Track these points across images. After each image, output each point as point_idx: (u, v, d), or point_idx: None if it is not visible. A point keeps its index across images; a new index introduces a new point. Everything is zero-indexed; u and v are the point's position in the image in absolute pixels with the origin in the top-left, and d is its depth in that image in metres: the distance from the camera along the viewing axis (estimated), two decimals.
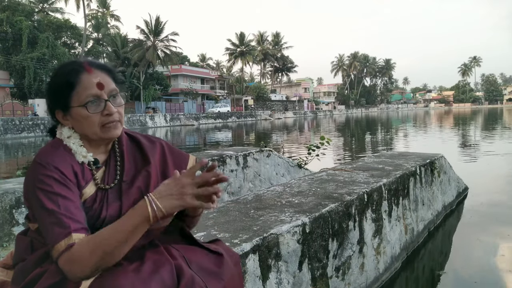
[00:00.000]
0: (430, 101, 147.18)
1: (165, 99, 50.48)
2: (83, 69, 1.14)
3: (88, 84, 1.12)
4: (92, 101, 1.12)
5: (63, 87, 1.13)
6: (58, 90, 1.15)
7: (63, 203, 1.04)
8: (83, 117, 1.13)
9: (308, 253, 2.08)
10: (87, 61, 1.16)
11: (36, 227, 1.14)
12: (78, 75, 1.13)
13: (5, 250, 2.51)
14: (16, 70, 35.19)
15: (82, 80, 1.13)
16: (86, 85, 1.12)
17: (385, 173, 3.45)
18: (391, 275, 2.89)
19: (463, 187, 5.26)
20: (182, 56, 58.96)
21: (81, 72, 1.13)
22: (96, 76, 1.14)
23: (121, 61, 46.27)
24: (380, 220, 2.89)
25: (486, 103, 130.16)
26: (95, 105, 1.13)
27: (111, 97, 1.16)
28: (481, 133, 18.38)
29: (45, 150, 1.12)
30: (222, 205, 2.47)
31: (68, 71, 1.14)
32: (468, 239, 3.74)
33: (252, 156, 4.89)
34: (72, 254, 0.98)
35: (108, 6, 56.33)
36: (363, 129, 26.30)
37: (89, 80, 1.13)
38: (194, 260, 1.14)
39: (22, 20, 35.70)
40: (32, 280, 1.05)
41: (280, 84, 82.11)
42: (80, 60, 1.17)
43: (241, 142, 18.46)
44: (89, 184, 1.14)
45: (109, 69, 1.20)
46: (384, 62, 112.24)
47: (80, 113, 1.13)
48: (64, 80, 1.13)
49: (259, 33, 72.60)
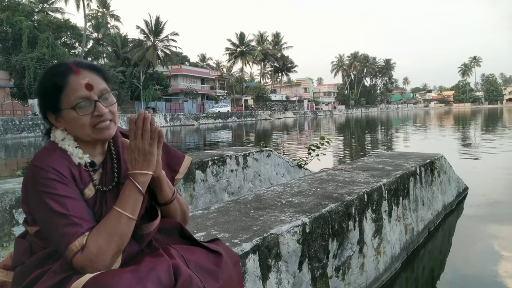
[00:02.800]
0: (430, 101, 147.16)
1: (165, 99, 50.50)
2: (71, 71, 1.12)
3: (76, 86, 1.11)
4: (81, 103, 1.11)
5: (52, 90, 1.12)
6: (47, 94, 1.14)
7: (70, 203, 1.05)
8: (74, 119, 1.12)
9: (308, 253, 2.08)
10: (74, 62, 1.14)
11: (35, 230, 1.14)
12: (65, 77, 1.11)
13: (5, 250, 2.51)
14: (16, 70, 35.19)
15: (70, 82, 1.11)
16: (74, 87, 1.11)
17: (385, 173, 3.45)
18: (391, 275, 2.89)
19: (463, 187, 5.26)
20: (182, 56, 59.01)
21: (68, 74, 1.12)
22: (84, 76, 1.12)
23: (121, 61, 46.29)
24: (380, 220, 2.89)
25: (486, 103, 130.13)
26: (84, 106, 1.12)
27: (101, 97, 1.14)
28: (481, 133, 18.38)
29: (41, 153, 1.11)
30: (222, 205, 2.47)
31: (56, 73, 1.13)
32: (468, 239, 3.74)
33: (252, 156, 4.89)
34: (90, 249, 1.00)
35: (108, 6, 56.38)
36: (363, 129, 26.29)
37: (77, 82, 1.11)
38: (192, 259, 1.14)
39: (22, 20, 35.72)
40: (32, 281, 1.05)
41: (280, 84, 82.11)
42: (67, 61, 1.15)
43: (241, 142, 18.45)
44: (88, 187, 1.14)
45: (98, 69, 1.18)
46: (384, 62, 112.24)
47: (70, 116, 1.12)
48: (52, 83, 1.12)
49: (259, 33, 72.68)
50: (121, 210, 1.06)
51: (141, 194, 1.10)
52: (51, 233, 1.04)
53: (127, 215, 1.06)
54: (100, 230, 1.04)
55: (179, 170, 1.34)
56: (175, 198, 1.28)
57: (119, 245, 1.04)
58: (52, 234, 1.04)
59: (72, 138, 1.16)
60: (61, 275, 1.02)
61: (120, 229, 1.04)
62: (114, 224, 1.05)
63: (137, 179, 1.10)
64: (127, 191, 1.09)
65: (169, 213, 1.28)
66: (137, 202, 1.09)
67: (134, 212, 1.08)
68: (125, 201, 1.08)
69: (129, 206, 1.08)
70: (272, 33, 76.90)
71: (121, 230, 1.04)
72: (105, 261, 1.02)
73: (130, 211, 1.07)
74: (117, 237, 1.03)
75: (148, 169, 1.11)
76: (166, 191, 1.24)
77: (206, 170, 4.19)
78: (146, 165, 1.10)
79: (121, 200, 1.09)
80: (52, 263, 1.08)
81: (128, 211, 1.07)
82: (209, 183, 4.22)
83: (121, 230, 1.04)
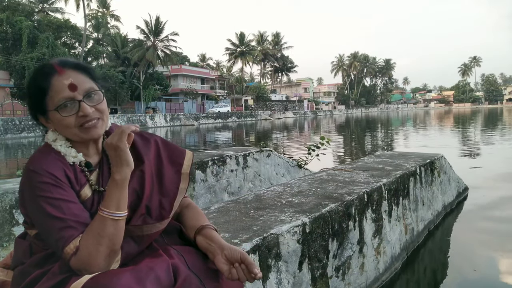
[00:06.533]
0: (430, 101, 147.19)
1: (165, 99, 50.50)
2: (54, 71, 1.11)
3: (59, 87, 1.10)
4: (64, 104, 1.10)
5: (37, 93, 1.12)
6: (33, 96, 1.13)
7: (66, 206, 1.05)
8: (59, 120, 1.11)
9: (308, 253, 2.08)
10: (58, 62, 1.13)
11: (34, 233, 1.14)
12: (48, 78, 1.10)
13: (5, 250, 2.51)
14: (16, 70, 35.16)
15: (53, 83, 1.10)
16: (57, 88, 1.10)
17: (385, 173, 3.45)
18: (391, 275, 2.89)
19: (463, 187, 5.26)
20: (182, 56, 58.97)
21: (51, 75, 1.11)
22: (68, 77, 1.11)
23: (121, 61, 46.27)
24: (380, 220, 2.89)
25: (486, 103, 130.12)
26: (68, 107, 1.11)
27: (86, 96, 1.13)
28: (481, 133, 18.37)
29: (35, 156, 1.11)
30: (222, 205, 2.47)
31: (40, 75, 1.12)
32: (468, 239, 3.74)
33: (252, 156, 4.89)
34: (81, 252, 1.00)
35: (108, 6, 56.31)
36: (363, 129, 26.29)
37: (60, 82, 1.10)
38: (192, 260, 1.13)
39: (22, 20, 35.69)
40: (32, 281, 1.05)
41: (280, 84, 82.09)
42: (52, 62, 1.13)
43: (241, 142, 18.45)
44: (85, 188, 1.14)
45: (83, 67, 1.17)
46: (384, 62, 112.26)
47: (55, 117, 1.11)
48: (37, 85, 1.12)
49: (259, 33, 72.65)
50: (104, 208, 1.05)
51: (121, 190, 1.08)
52: (48, 236, 1.04)
53: (111, 217, 1.04)
54: (89, 233, 1.03)
55: (183, 163, 1.29)
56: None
57: (110, 247, 1.03)
58: (48, 237, 1.04)
59: (63, 139, 1.15)
60: (61, 276, 1.02)
61: (107, 232, 1.03)
62: (100, 227, 1.03)
63: (114, 175, 1.08)
64: (109, 189, 1.08)
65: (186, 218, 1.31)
66: (120, 198, 1.07)
67: (119, 208, 1.06)
68: (108, 198, 1.07)
69: (113, 204, 1.06)
70: (272, 33, 77.01)
71: (108, 232, 1.03)
72: (99, 263, 1.01)
73: (114, 208, 1.05)
74: (105, 240, 1.02)
75: (122, 164, 1.08)
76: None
77: (206, 170, 4.19)
78: (119, 161, 1.08)
79: (105, 198, 1.08)
80: (52, 264, 1.08)
81: (112, 208, 1.05)
82: (209, 183, 4.22)
83: (108, 232, 1.03)
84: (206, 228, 1.24)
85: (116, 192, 1.07)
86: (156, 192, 1.20)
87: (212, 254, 1.16)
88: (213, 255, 1.15)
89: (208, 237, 1.21)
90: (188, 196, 1.36)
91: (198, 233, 1.23)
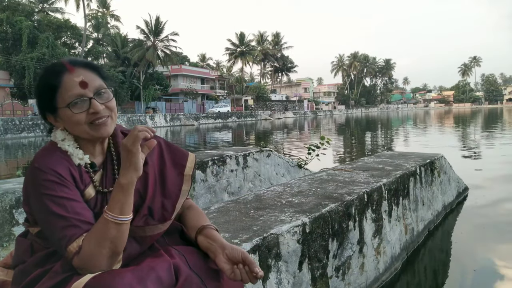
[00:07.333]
0: (430, 101, 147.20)
1: (165, 99, 50.50)
2: (65, 69, 1.12)
3: (70, 84, 1.11)
4: (75, 101, 1.11)
5: (48, 90, 1.12)
6: (44, 94, 1.14)
7: (70, 205, 1.05)
8: (69, 117, 1.12)
9: (308, 253, 2.08)
10: (69, 60, 1.14)
11: (36, 231, 1.14)
12: (60, 76, 1.12)
13: (5, 250, 2.51)
14: (16, 70, 35.18)
15: (64, 80, 1.11)
16: (68, 86, 1.11)
17: (385, 173, 3.45)
18: (391, 275, 2.89)
19: (463, 187, 5.26)
20: (182, 56, 58.97)
21: (63, 73, 1.12)
22: (79, 74, 1.12)
23: (121, 61, 46.28)
24: (380, 220, 2.89)
25: (486, 103, 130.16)
26: (79, 104, 1.11)
27: (96, 94, 1.14)
28: (481, 133, 18.37)
29: (41, 154, 1.11)
30: (222, 205, 2.47)
31: (50, 73, 1.13)
32: (468, 239, 3.74)
33: (252, 156, 4.89)
34: (84, 252, 1.00)
35: (108, 6, 56.34)
36: (363, 129, 26.29)
37: (71, 80, 1.11)
38: (193, 260, 1.14)
39: (22, 20, 35.71)
40: (33, 280, 1.06)
41: (280, 84, 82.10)
42: (62, 60, 1.15)
43: (241, 142, 18.45)
44: (88, 188, 1.14)
45: (93, 66, 1.18)
46: (384, 62, 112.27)
47: (66, 114, 1.12)
48: (47, 83, 1.12)
49: (259, 33, 72.68)
50: (108, 211, 1.04)
51: (125, 194, 1.06)
52: (51, 235, 1.05)
53: (114, 221, 1.02)
54: (92, 234, 1.03)
55: (186, 165, 1.30)
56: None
57: (112, 249, 1.02)
58: (52, 235, 1.04)
59: (72, 139, 1.16)
60: (62, 275, 1.02)
61: (110, 234, 1.02)
62: (103, 229, 1.02)
63: (120, 179, 1.06)
64: (114, 192, 1.07)
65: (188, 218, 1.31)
66: (124, 202, 1.05)
67: (122, 212, 1.04)
68: (112, 201, 1.05)
69: (117, 208, 1.04)
70: (272, 33, 77.08)
71: (110, 235, 1.02)
72: (101, 264, 1.01)
73: (118, 212, 1.03)
74: (107, 242, 1.01)
75: (130, 168, 1.05)
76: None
77: (206, 170, 4.19)
78: (128, 164, 1.05)
79: (110, 201, 1.07)
80: (53, 263, 1.08)
81: (116, 212, 1.03)
82: (209, 183, 4.22)
83: (110, 235, 1.02)
84: (207, 228, 1.24)
85: (120, 196, 1.05)
86: (159, 193, 1.21)
87: (213, 253, 1.16)
88: (214, 254, 1.16)
89: (209, 237, 1.21)
90: (190, 198, 1.36)
91: (199, 233, 1.23)
